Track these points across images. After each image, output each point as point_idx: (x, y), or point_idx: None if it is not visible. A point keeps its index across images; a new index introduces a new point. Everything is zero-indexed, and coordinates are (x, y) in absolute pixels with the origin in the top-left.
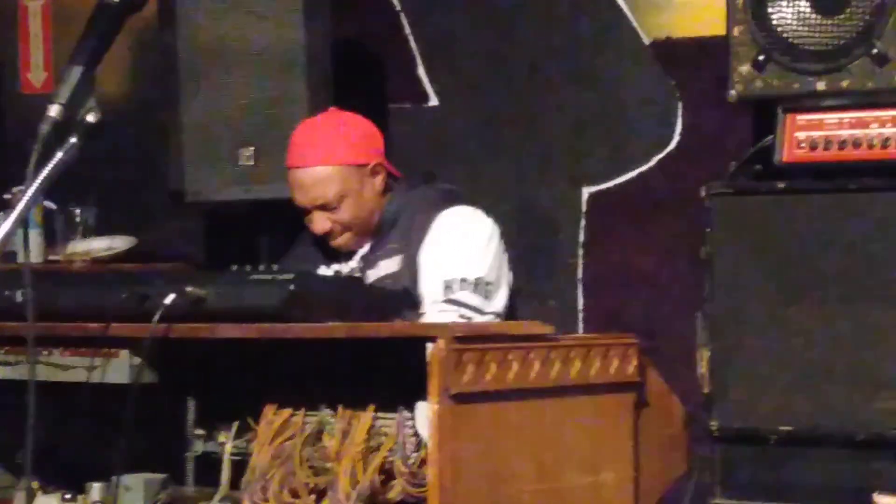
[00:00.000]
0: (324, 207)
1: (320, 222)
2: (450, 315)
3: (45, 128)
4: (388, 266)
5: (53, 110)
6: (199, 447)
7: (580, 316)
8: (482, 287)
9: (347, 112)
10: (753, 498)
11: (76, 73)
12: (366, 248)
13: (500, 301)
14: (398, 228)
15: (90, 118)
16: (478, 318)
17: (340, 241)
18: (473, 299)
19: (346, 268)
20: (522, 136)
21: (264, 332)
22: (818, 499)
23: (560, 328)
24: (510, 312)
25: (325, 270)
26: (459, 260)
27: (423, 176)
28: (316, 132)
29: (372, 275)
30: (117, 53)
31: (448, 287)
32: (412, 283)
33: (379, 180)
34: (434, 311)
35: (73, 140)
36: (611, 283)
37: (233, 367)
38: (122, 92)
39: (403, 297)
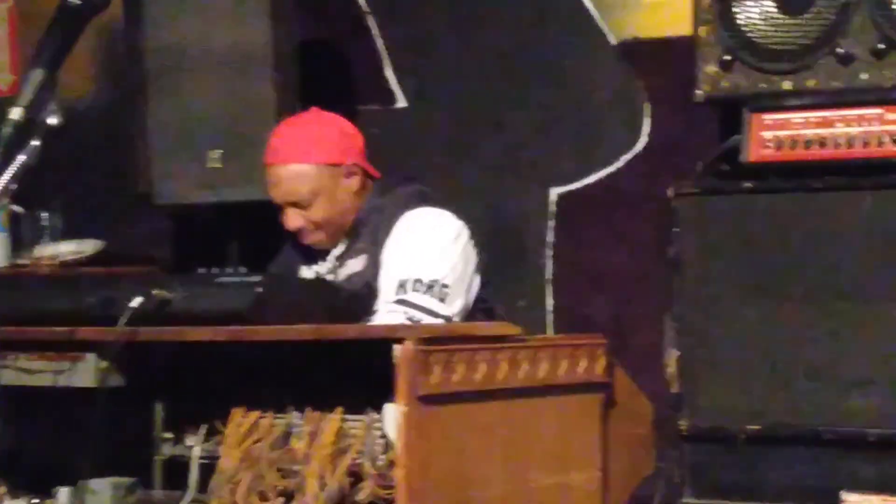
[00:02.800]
0: (296, 205)
1: (293, 219)
2: (397, 316)
3: (6, 131)
4: (355, 265)
5: (15, 113)
6: (167, 450)
7: (549, 316)
8: (437, 289)
9: (328, 112)
10: (722, 497)
11: (37, 75)
12: (340, 249)
13: (457, 305)
14: (368, 229)
15: (52, 120)
16: (428, 321)
17: (312, 238)
18: (425, 300)
19: (322, 267)
20: (490, 137)
21: (232, 334)
22: (787, 497)
23: (529, 329)
24: (486, 312)
25: (305, 271)
26: (417, 260)
27: (402, 177)
28: (294, 130)
29: (342, 272)
30: (85, 55)
31: (401, 287)
32: (375, 281)
33: (355, 181)
34: (383, 310)
35: (35, 142)
36: (579, 284)
37: (200, 369)
38: (89, 94)
39: (368, 296)
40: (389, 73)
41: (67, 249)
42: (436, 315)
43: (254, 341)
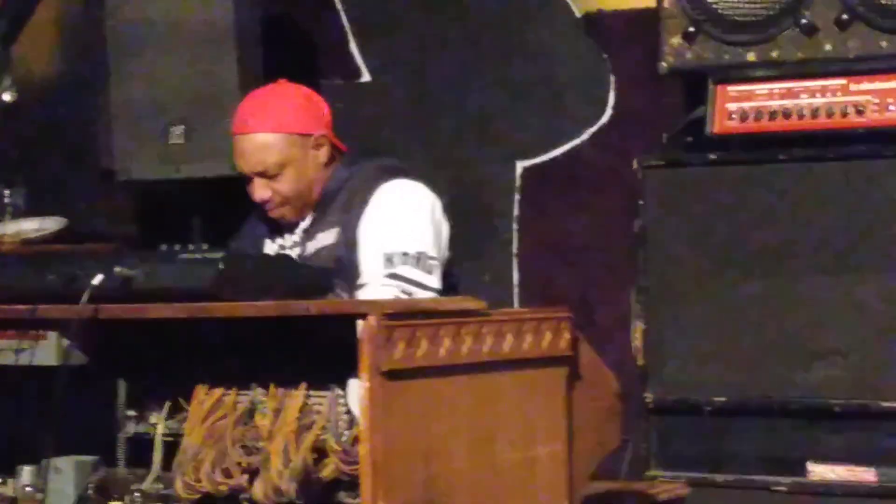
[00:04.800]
0: (263, 174)
1: (259, 190)
2: (392, 290)
3: None
4: (325, 238)
5: None
6: (130, 428)
7: (515, 290)
8: (424, 261)
9: (296, 84)
10: (689, 469)
11: None
12: (307, 222)
13: (438, 276)
14: (338, 202)
15: (6, 97)
16: (420, 294)
17: (278, 212)
18: (415, 273)
19: (288, 241)
20: (455, 111)
21: (194, 311)
22: (753, 468)
23: (495, 302)
24: (451, 288)
25: (270, 245)
26: (400, 233)
27: (370, 151)
28: (262, 100)
29: (310, 246)
30: (46, 31)
31: (389, 261)
32: (348, 255)
33: (323, 152)
34: (376, 285)
35: None
36: (545, 257)
37: (163, 347)
38: (51, 71)
39: (336, 271)
40: (353, 48)
41: (30, 227)
42: (426, 288)
43: (216, 318)
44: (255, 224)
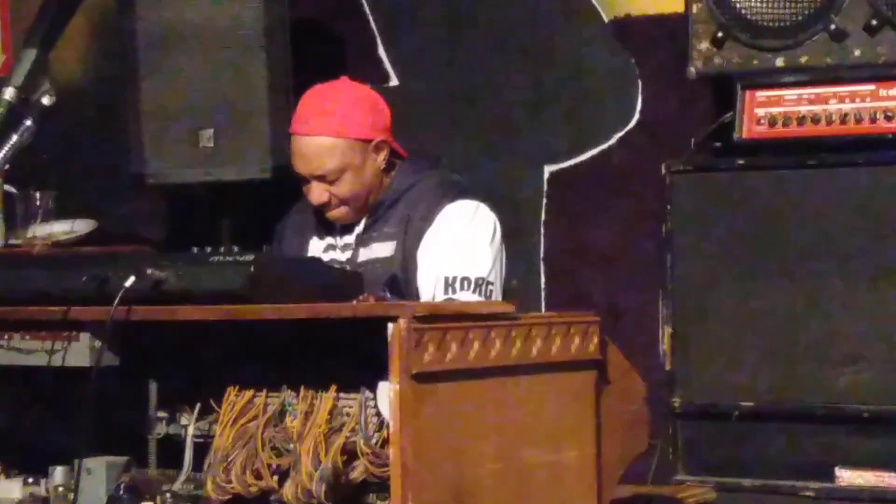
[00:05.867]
0: (322, 179)
1: (317, 193)
2: None
3: None
4: (381, 249)
5: (7, 93)
6: (161, 429)
7: (542, 294)
8: (484, 287)
9: (359, 83)
10: (716, 474)
11: (30, 55)
12: (361, 226)
13: (498, 299)
14: (398, 212)
15: (45, 101)
16: None
17: (335, 213)
18: (474, 300)
19: (339, 241)
20: (483, 115)
21: (225, 313)
22: (780, 474)
23: (523, 307)
24: None
25: (317, 243)
26: (462, 258)
27: (430, 159)
28: (324, 101)
29: (364, 254)
30: (77, 35)
31: (449, 285)
32: (404, 271)
33: (382, 157)
34: None
35: (28, 123)
36: (573, 262)
37: (194, 349)
38: (82, 74)
39: (388, 288)
40: (382, 52)
41: (61, 229)
42: None
43: (247, 320)
44: (300, 221)
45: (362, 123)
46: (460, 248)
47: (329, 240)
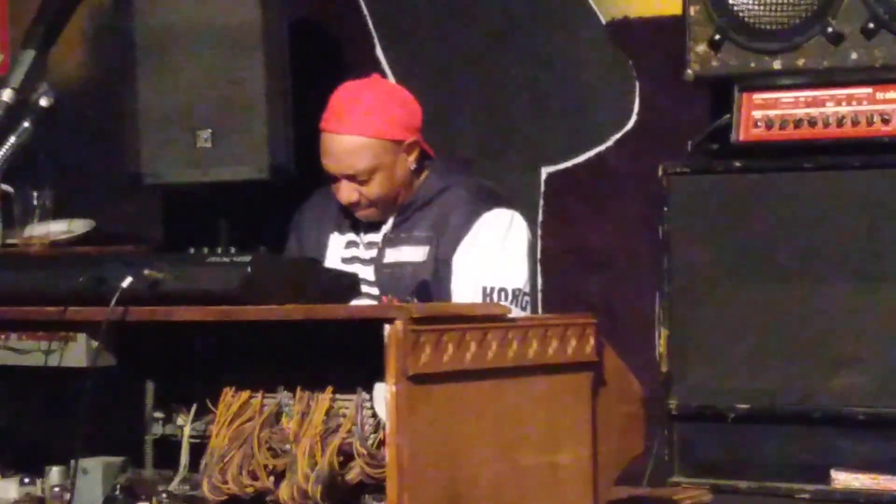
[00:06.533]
0: (353, 178)
1: (347, 192)
2: None
3: None
4: (412, 254)
5: (6, 94)
6: (157, 430)
7: (539, 296)
8: (520, 298)
9: (391, 82)
10: (712, 476)
11: (28, 56)
12: (389, 225)
13: (530, 312)
14: (430, 216)
15: (43, 102)
16: None
17: (365, 213)
18: (512, 311)
19: (364, 238)
20: (481, 116)
21: (222, 314)
22: (776, 476)
23: None
24: None
25: (338, 238)
26: (499, 269)
27: (460, 162)
28: (357, 99)
29: (391, 255)
30: (74, 35)
31: (487, 295)
32: (436, 278)
33: (413, 158)
34: None
35: (27, 124)
36: (570, 263)
37: (191, 349)
38: (79, 74)
39: (417, 293)
40: (380, 53)
41: (58, 229)
42: None
43: (244, 321)
44: (319, 215)
45: (395, 123)
46: (498, 258)
47: (351, 236)
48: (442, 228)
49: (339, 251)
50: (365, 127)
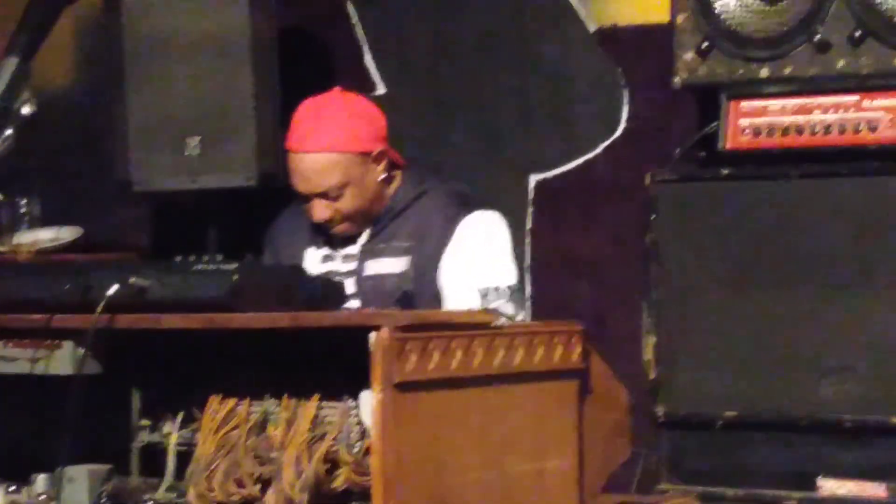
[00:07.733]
0: (324, 196)
1: (319, 211)
2: None
3: None
4: (393, 265)
5: None
6: (143, 438)
7: (528, 303)
8: (515, 295)
9: (353, 94)
10: (699, 483)
11: (11, 64)
12: (365, 236)
13: (524, 308)
14: (406, 226)
15: (25, 110)
16: None
17: (340, 228)
18: (509, 308)
19: (339, 252)
20: (469, 124)
21: (208, 322)
22: (763, 483)
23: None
24: None
25: (314, 253)
26: (490, 269)
27: (430, 168)
28: (319, 115)
29: (371, 267)
30: (63, 42)
31: (484, 296)
32: (420, 286)
33: (382, 168)
34: None
35: (9, 132)
36: (558, 271)
37: (177, 357)
38: (67, 81)
39: (400, 303)
40: (369, 60)
41: (46, 236)
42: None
43: (230, 328)
44: (293, 229)
45: (360, 136)
46: (487, 258)
47: (326, 250)
48: (421, 237)
49: (315, 266)
50: (330, 143)
